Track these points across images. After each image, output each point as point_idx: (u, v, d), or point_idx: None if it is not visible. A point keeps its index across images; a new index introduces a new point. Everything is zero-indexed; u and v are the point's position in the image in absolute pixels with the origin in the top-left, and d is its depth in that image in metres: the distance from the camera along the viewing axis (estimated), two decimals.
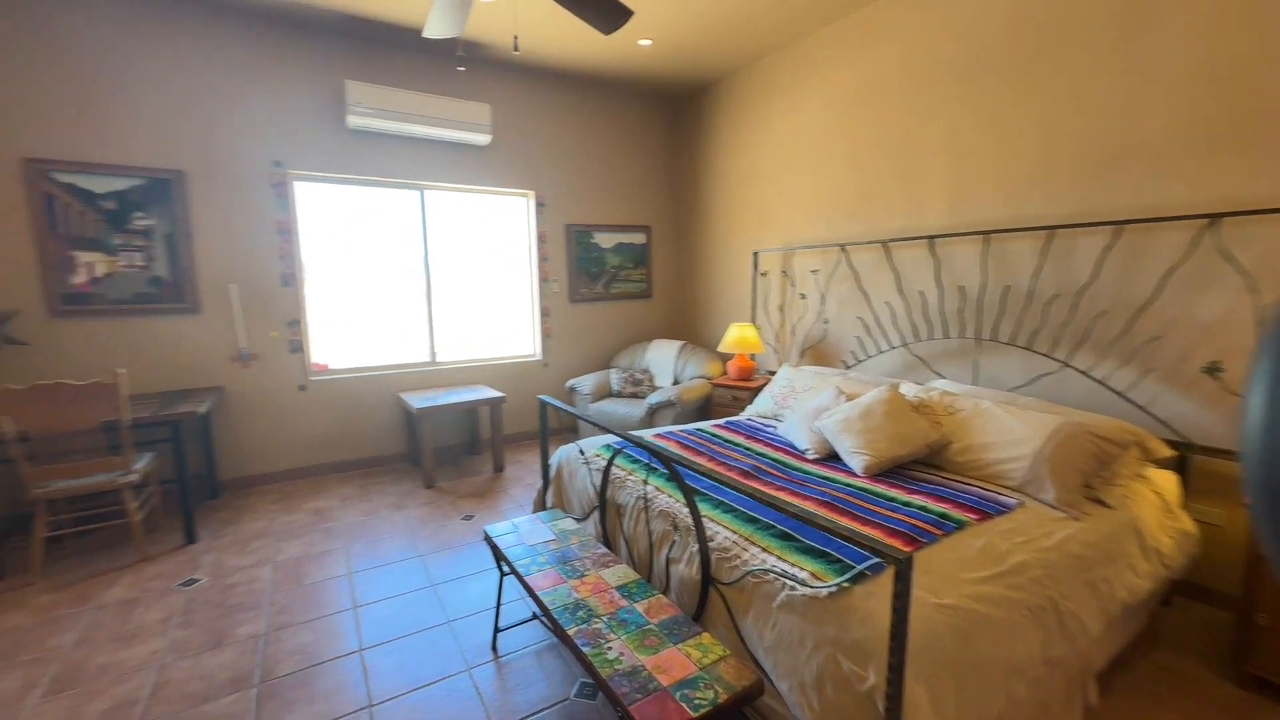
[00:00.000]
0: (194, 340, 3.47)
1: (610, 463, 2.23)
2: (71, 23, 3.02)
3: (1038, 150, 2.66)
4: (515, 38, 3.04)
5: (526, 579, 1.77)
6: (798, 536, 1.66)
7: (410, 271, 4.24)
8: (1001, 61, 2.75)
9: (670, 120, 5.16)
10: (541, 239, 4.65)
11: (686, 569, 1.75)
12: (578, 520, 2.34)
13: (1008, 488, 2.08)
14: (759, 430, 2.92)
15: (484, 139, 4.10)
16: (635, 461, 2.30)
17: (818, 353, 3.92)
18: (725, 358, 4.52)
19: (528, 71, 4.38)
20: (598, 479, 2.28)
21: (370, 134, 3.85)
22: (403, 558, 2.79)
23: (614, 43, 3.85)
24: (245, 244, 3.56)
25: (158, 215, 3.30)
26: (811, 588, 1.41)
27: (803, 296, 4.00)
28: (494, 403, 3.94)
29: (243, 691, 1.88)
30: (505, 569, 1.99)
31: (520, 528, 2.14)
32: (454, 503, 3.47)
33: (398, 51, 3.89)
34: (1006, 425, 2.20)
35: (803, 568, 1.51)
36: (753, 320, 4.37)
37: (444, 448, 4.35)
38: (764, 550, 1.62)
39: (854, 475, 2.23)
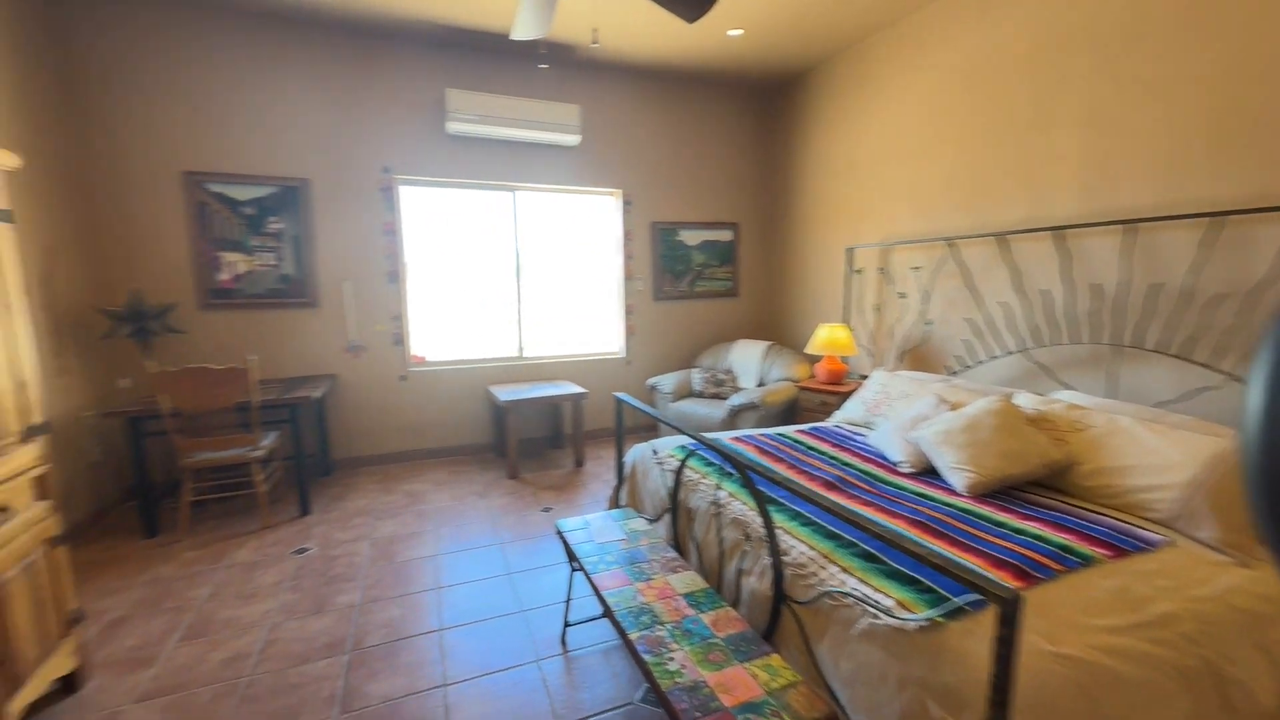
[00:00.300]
0: (313, 332, 3.84)
1: (683, 464, 2.16)
2: (216, 58, 3.43)
3: (1205, 121, 2.23)
4: (594, 31, 3.04)
5: (594, 577, 1.76)
6: (884, 559, 1.50)
7: (502, 269, 4.42)
8: (1157, 17, 2.35)
9: (760, 113, 4.98)
10: (627, 237, 4.67)
11: (758, 582, 1.64)
12: (649, 521, 2.30)
13: (1152, 521, 1.76)
14: (847, 438, 2.72)
15: (573, 139, 4.18)
16: (709, 464, 2.22)
17: (917, 357, 3.60)
18: (813, 360, 4.29)
19: (615, 70, 4.40)
20: (670, 480, 2.22)
21: (468, 139, 4.05)
22: (484, 544, 2.90)
23: (702, 36, 3.77)
24: (357, 244, 3.88)
25: (287, 219, 3.68)
26: (898, 619, 1.26)
27: (902, 295, 3.69)
28: (576, 398, 4.01)
29: (335, 657, 2.03)
30: (575, 565, 1.99)
31: (592, 524, 2.13)
32: (534, 494, 3.56)
33: (491, 58, 4.06)
34: (1152, 447, 1.87)
35: (888, 594, 1.35)
36: (845, 321, 4.11)
37: (528, 440, 4.50)
38: (844, 570, 1.48)
39: (955, 494, 2.00)
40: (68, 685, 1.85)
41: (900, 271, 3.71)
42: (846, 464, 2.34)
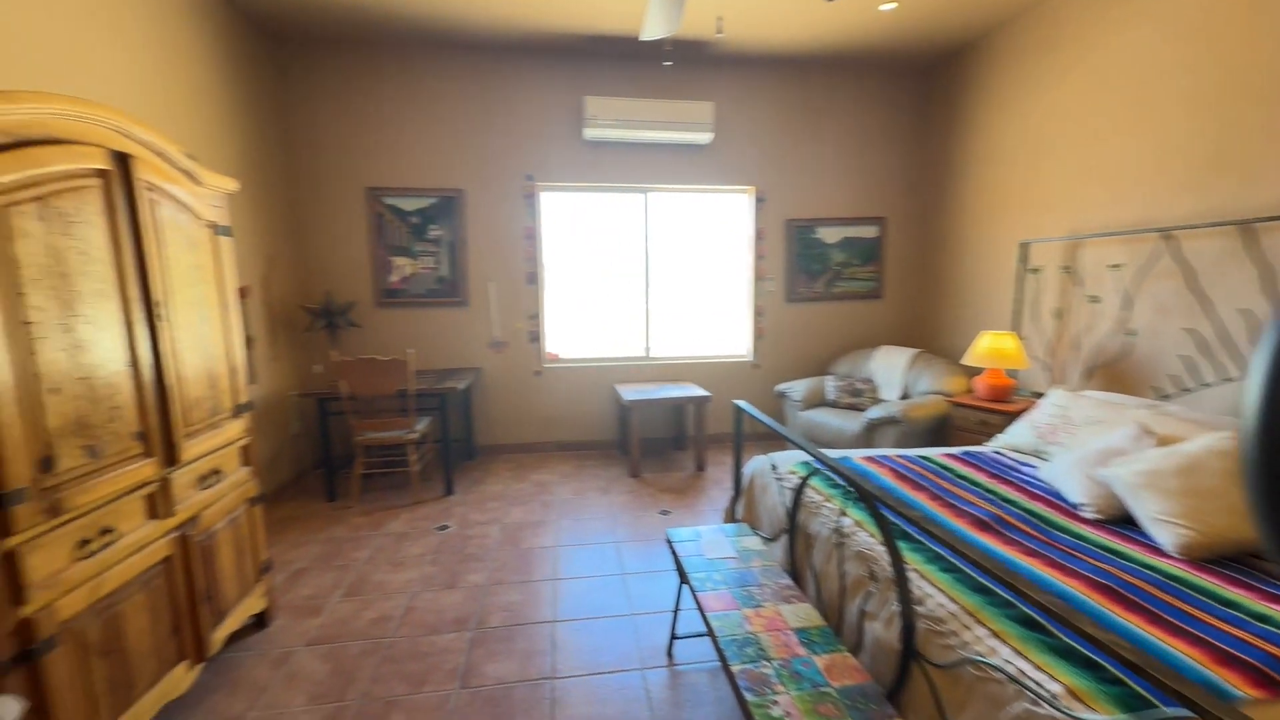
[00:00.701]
0: (462, 328, 4.22)
1: (804, 482, 1.98)
2: (390, 86, 3.90)
3: None
4: (719, 20, 2.92)
5: (699, 595, 1.68)
6: (1050, 628, 1.22)
7: (631, 270, 4.49)
8: None
9: (914, 95, 4.47)
10: (759, 236, 4.48)
11: (884, 630, 1.44)
12: (765, 541, 2.15)
13: None
14: (1010, 469, 2.32)
15: (706, 137, 4.10)
16: (834, 486, 2.01)
17: (1113, 374, 2.96)
18: (972, 372, 3.75)
19: (747, 63, 4.23)
20: (789, 499, 2.05)
21: (603, 143, 4.16)
22: (601, 541, 2.95)
23: (848, 14, 3.46)
24: (501, 248, 4.19)
25: (445, 226, 4.09)
26: (1067, 714, 1.00)
27: (1093, 300, 3.07)
28: (699, 401, 3.94)
29: (460, 633, 2.19)
30: (683, 578, 1.93)
31: (703, 537, 2.05)
32: (654, 496, 3.56)
33: (623, 63, 4.12)
34: None
35: (1055, 677, 1.09)
36: (1014, 328, 3.53)
37: (651, 440, 4.52)
38: (995, 635, 1.23)
39: (1160, 554, 1.59)
40: (259, 622, 2.22)
41: (1092, 270, 3.08)
42: (1007, 500, 1.98)
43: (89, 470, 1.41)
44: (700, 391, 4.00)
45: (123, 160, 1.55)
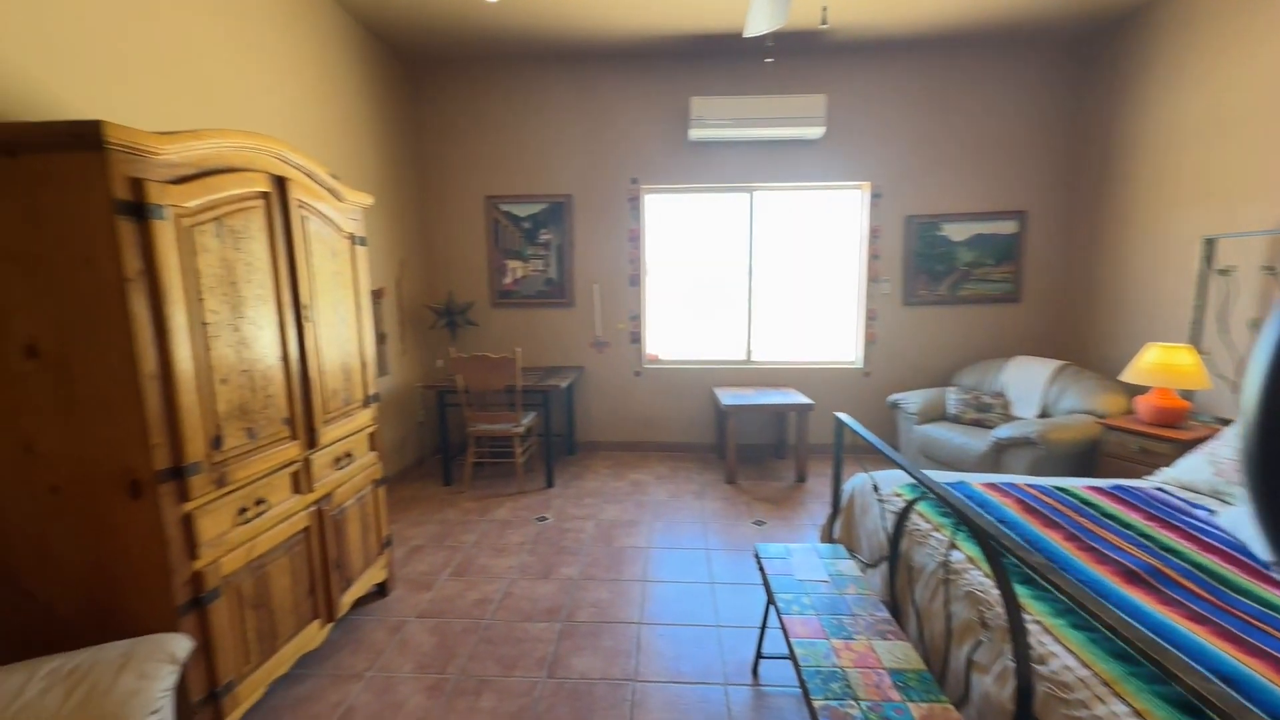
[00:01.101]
0: (567, 328, 4.40)
1: (909, 507, 1.81)
2: (508, 99, 4.15)
3: None
4: (823, 9, 2.74)
5: (785, 618, 1.60)
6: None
7: (734, 272, 4.40)
8: None
9: (1063, 72, 3.90)
10: (873, 234, 4.18)
11: (996, 687, 1.27)
12: (863, 566, 2.00)
13: None
14: (1177, 511, 1.95)
15: (817, 131, 3.90)
16: (944, 513, 1.82)
17: None
18: (1133, 391, 3.21)
19: (864, 50, 3.94)
20: (892, 523, 1.89)
21: (708, 143, 4.12)
22: (692, 546, 2.93)
23: None
24: (606, 250, 4.30)
25: (554, 231, 4.28)
26: None
27: None
28: (801, 409, 3.76)
29: (551, 623, 2.28)
30: (769, 597, 1.85)
31: (793, 555, 1.95)
32: (749, 504, 3.47)
33: (729, 60, 4.02)
34: None
35: None
36: (1193, 340, 2.97)
37: (750, 446, 4.41)
38: (1140, 716, 1.04)
39: None
40: (380, 591, 2.47)
41: None
42: (1169, 549, 1.67)
43: (248, 449, 1.66)
44: (802, 399, 3.82)
45: (280, 182, 1.80)
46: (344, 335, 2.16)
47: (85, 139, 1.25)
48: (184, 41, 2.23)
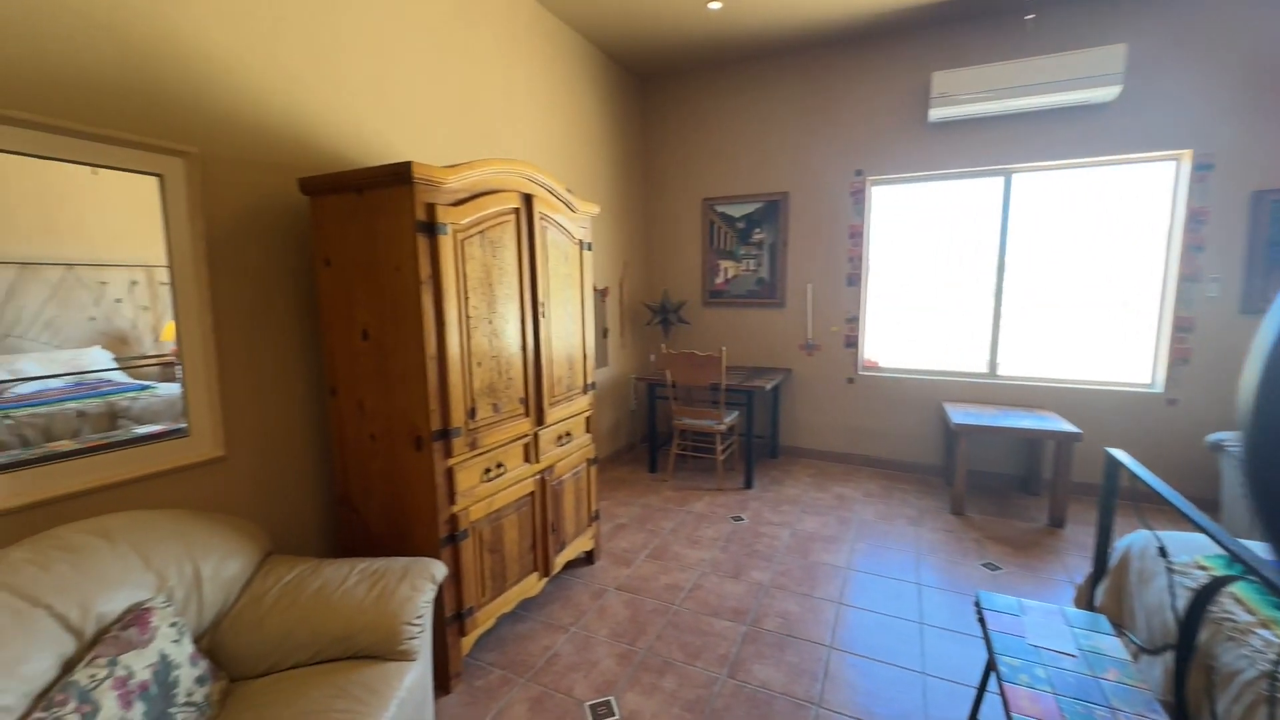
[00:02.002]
0: (775, 329, 4.30)
1: (1218, 586, 1.34)
2: (724, 102, 4.19)
3: None
4: None
5: (1006, 686, 1.34)
6: None
7: (977, 269, 3.78)
8: None
9: None
10: (1194, 218, 3.17)
11: None
12: (1134, 648, 1.55)
13: None
14: None
15: (1108, 93, 3.11)
16: (1278, 606, 1.30)
17: None
18: None
19: None
20: (1185, 602, 1.42)
21: (952, 123, 3.60)
22: (900, 578, 2.63)
23: None
24: (822, 249, 4.08)
25: (768, 230, 4.22)
26: None
27: None
28: (1063, 438, 3.07)
29: (736, 624, 2.28)
30: (990, 657, 1.56)
31: (1028, 614, 1.61)
32: (979, 542, 2.96)
33: (981, 25, 3.42)
34: None
35: None
36: None
37: (986, 474, 3.76)
38: None
39: None
40: (587, 558, 2.77)
41: None
42: None
43: (493, 421, 2.02)
44: (1065, 425, 3.11)
45: (528, 199, 2.13)
46: (570, 330, 2.46)
47: (400, 176, 1.65)
48: (469, 90, 2.79)
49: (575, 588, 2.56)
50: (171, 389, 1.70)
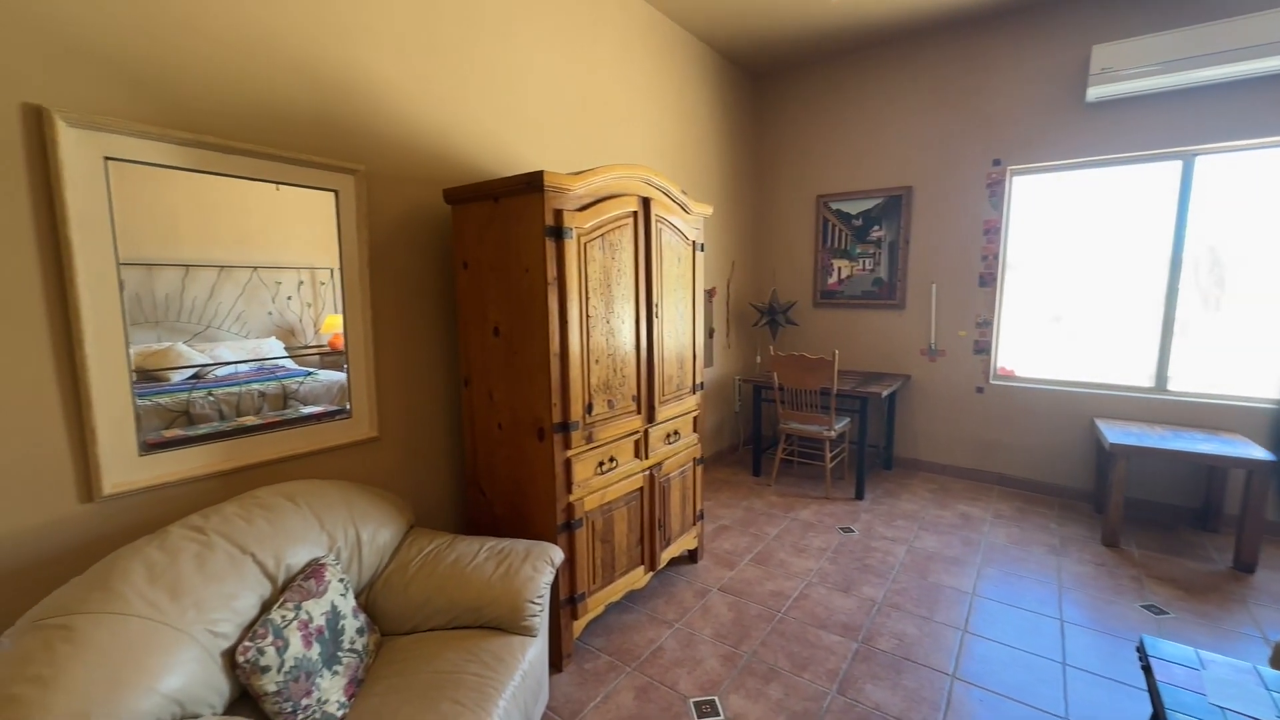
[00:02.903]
0: (893, 332, 4.04)
1: None
2: (843, 96, 3.99)
3: None
4: None
5: None
6: None
7: (1144, 267, 3.30)
8: None
9: None
10: None
11: None
12: None
13: None
14: None
15: None
16: None
17: None
18: None
19: None
20: None
21: (1115, 102, 3.17)
22: (1038, 611, 2.37)
23: None
24: (951, 246, 3.77)
25: (887, 227, 3.98)
26: None
27: None
28: (1255, 467, 2.59)
29: (846, 640, 2.19)
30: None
31: (1211, 669, 1.39)
32: (1139, 580, 2.59)
33: None
34: None
35: None
36: None
37: (1150, 504, 3.27)
38: None
39: None
40: (690, 557, 2.79)
41: None
42: None
43: (607, 417, 2.10)
44: (1260, 452, 2.63)
45: (645, 202, 2.19)
46: (681, 330, 2.49)
47: (533, 184, 1.77)
48: (589, 99, 2.91)
49: (679, 585, 2.59)
50: (330, 375, 1.96)
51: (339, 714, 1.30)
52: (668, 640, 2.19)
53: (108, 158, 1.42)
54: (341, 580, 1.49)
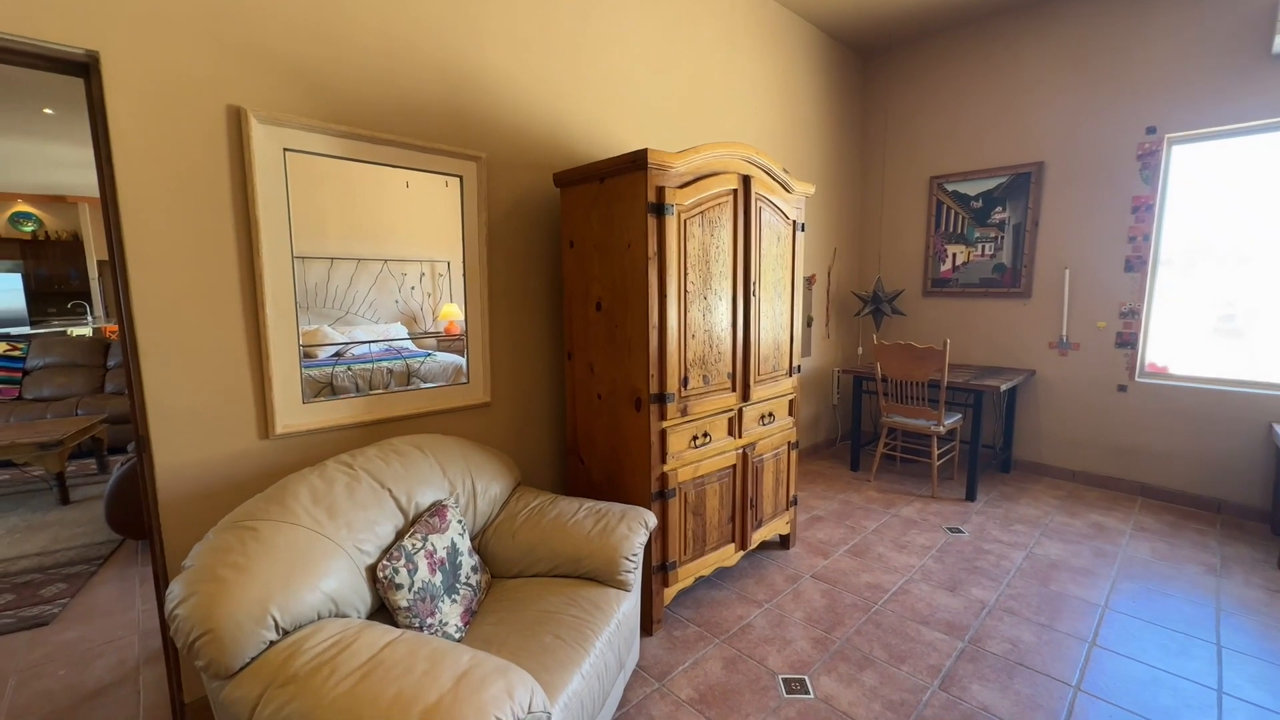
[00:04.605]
0: (1017, 323, 3.70)
1: None
2: (959, 71, 3.69)
3: None
4: None
5: None
6: None
7: None
8: None
9: None
10: None
11: None
12: None
13: None
14: None
15: None
16: None
17: None
18: None
19: None
20: None
21: None
22: (1187, 631, 2.09)
23: None
24: (1089, 227, 3.38)
25: (1012, 208, 3.65)
26: None
27: None
28: None
29: (951, 638, 2.06)
30: None
31: None
32: None
33: None
34: None
35: None
36: None
37: None
38: None
39: None
40: (782, 542, 2.75)
41: None
42: None
43: (702, 392, 2.14)
44: None
45: (745, 180, 2.19)
46: (779, 310, 2.47)
47: (637, 162, 1.85)
48: (693, 84, 2.95)
49: (770, 568, 2.57)
50: (446, 357, 2.16)
51: (456, 636, 1.45)
52: (757, 618, 2.19)
53: (286, 149, 1.68)
54: (460, 521, 1.66)
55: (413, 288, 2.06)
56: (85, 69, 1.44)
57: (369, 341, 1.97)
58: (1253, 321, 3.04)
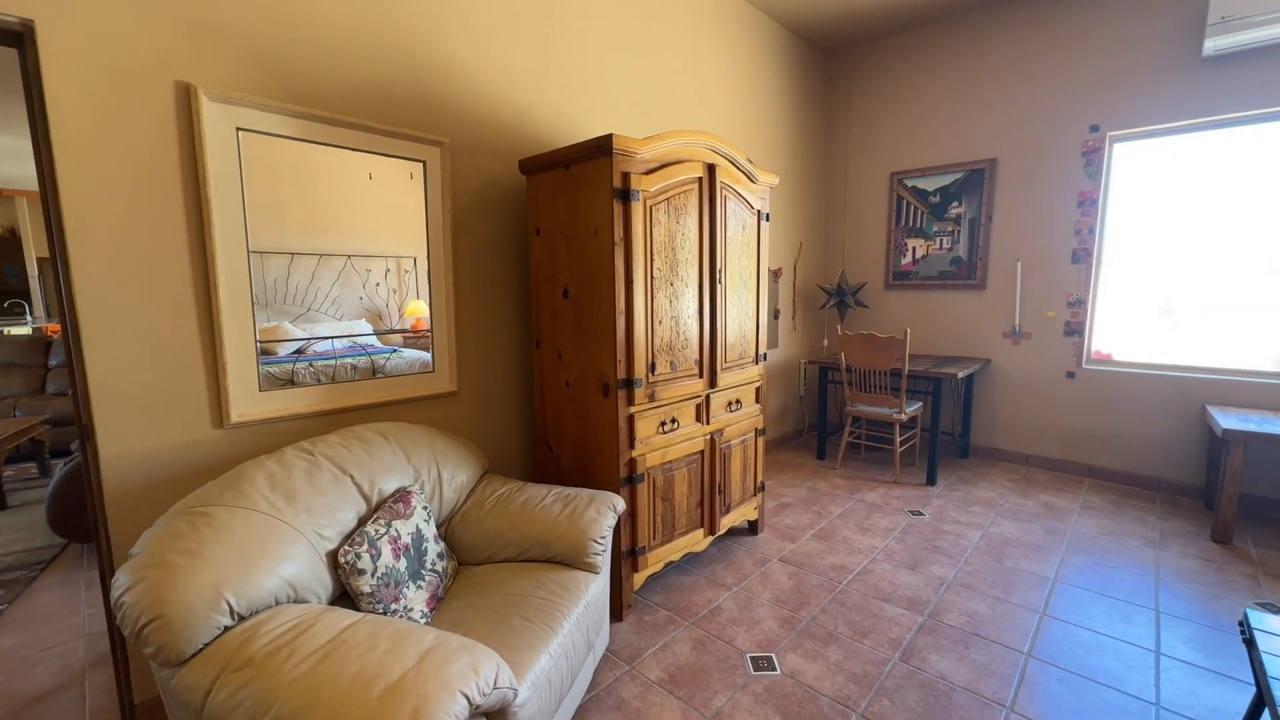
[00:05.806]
0: (973, 313, 3.84)
1: None
2: (919, 70, 3.81)
3: None
4: None
5: None
6: None
7: (1270, 240, 2.96)
8: None
9: None
10: None
11: None
12: None
13: None
14: None
15: None
16: None
17: None
18: None
19: None
20: None
21: (1236, 55, 2.87)
22: (1129, 600, 2.21)
23: None
24: (1038, 221, 3.54)
25: (968, 203, 3.79)
26: None
27: None
28: None
29: (911, 613, 2.13)
30: (1267, 703, 1.26)
31: None
32: (1253, 579, 2.35)
33: None
34: None
35: None
36: None
37: (1268, 501, 2.94)
38: None
39: None
40: (750, 528, 2.80)
41: None
42: None
43: (670, 378, 2.16)
44: None
45: (710, 169, 2.22)
46: (744, 298, 2.51)
47: (602, 148, 1.86)
48: (660, 78, 2.97)
49: (738, 553, 2.61)
50: (412, 353, 2.12)
51: (422, 621, 1.44)
52: (726, 601, 2.22)
53: (240, 128, 1.63)
54: (425, 508, 1.64)
55: (378, 284, 2.02)
56: (19, 38, 1.37)
57: (332, 337, 1.92)
58: (1188, 309, 3.23)
